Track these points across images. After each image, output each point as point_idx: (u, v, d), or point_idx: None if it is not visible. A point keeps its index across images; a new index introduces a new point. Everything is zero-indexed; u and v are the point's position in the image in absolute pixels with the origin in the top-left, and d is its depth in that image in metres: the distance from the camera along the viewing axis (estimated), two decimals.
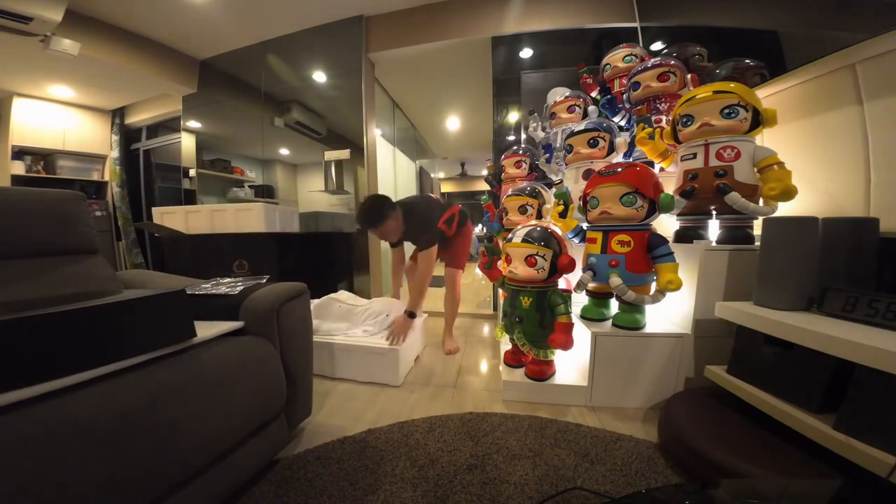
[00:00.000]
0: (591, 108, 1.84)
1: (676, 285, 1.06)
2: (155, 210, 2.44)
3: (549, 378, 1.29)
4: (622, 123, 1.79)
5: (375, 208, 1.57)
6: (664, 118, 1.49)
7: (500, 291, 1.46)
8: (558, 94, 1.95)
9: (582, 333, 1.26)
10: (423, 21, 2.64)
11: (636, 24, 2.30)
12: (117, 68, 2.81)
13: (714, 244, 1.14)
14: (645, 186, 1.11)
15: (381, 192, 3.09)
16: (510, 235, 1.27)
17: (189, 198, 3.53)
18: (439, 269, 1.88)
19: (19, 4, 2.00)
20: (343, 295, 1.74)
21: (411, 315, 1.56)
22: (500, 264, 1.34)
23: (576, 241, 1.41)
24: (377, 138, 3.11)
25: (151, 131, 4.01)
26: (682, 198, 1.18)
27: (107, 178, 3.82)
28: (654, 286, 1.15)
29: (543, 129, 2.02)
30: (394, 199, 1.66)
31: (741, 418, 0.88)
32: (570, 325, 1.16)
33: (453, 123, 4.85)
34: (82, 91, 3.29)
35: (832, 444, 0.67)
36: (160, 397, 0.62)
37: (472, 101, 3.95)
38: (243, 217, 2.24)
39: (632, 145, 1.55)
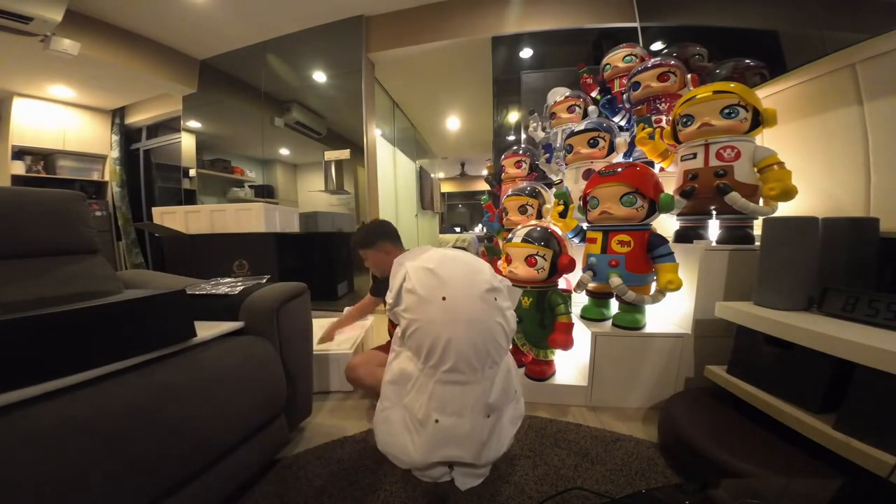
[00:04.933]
0: (591, 108, 1.84)
1: (676, 285, 1.06)
2: (155, 210, 2.44)
3: (549, 378, 1.29)
4: (622, 123, 1.79)
5: (366, 231, 1.36)
6: (664, 118, 1.49)
7: None
8: (558, 94, 1.95)
9: (582, 333, 1.26)
10: (423, 21, 2.64)
11: (636, 24, 2.30)
12: (117, 68, 2.81)
13: (714, 244, 1.14)
14: (645, 186, 1.11)
15: (380, 192, 3.10)
16: (510, 235, 1.27)
17: (189, 198, 3.53)
18: None
19: (19, 4, 2.00)
20: None
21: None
22: (500, 264, 1.33)
23: (576, 241, 1.41)
24: (377, 138, 3.11)
25: (151, 131, 4.01)
26: (682, 198, 1.18)
27: (107, 178, 3.82)
28: (654, 286, 1.15)
29: (543, 129, 2.02)
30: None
31: (741, 418, 0.88)
32: (570, 325, 1.16)
33: (453, 123, 4.85)
34: (82, 91, 3.29)
35: (832, 444, 0.67)
36: (160, 397, 0.62)
37: (472, 101, 3.95)
38: (243, 217, 2.24)
39: (632, 145, 1.55)
